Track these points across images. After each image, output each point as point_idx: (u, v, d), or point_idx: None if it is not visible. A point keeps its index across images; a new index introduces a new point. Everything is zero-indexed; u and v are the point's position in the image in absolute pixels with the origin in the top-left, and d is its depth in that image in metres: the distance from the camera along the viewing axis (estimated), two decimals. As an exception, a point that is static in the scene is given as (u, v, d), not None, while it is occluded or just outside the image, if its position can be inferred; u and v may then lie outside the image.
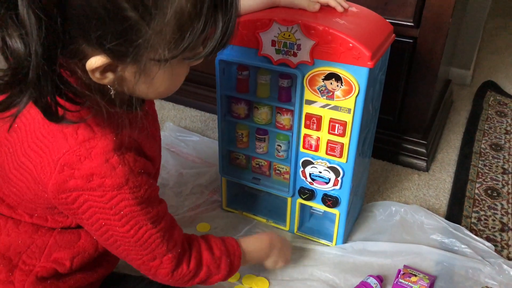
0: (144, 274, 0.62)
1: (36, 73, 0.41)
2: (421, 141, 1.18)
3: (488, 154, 1.25)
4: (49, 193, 0.52)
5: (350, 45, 0.70)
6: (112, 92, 0.50)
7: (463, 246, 0.89)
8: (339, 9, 0.78)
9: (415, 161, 1.18)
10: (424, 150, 1.18)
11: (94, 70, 0.46)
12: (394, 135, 1.20)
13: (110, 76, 0.48)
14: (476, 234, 0.94)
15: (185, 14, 0.44)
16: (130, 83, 0.49)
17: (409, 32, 1.07)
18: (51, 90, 0.43)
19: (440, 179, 1.14)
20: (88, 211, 0.53)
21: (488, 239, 0.94)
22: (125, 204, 0.53)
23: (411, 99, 1.14)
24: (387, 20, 0.89)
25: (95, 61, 0.45)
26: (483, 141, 1.31)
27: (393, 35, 0.86)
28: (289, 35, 0.73)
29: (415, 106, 1.15)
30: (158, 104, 1.46)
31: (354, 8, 0.84)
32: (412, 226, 0.95)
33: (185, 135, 1.27)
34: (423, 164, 1.17)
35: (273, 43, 0.75)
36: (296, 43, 0.73)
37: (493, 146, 1.28)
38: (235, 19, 0.48)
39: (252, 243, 0.73)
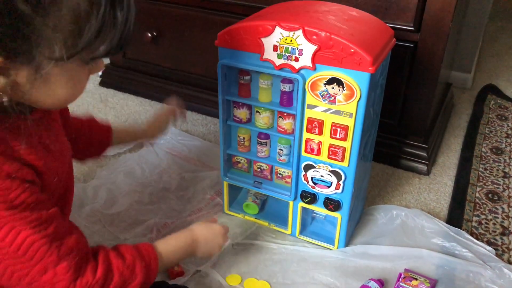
0: None
1: None
2: (422, 144, 1.18)
3: (489, 157, 1.25)
4: None
5: (352, 50, 0.70)
6: (4, 100, 0.46)
7: (464, 250, 0.89)
8: None
9: (416, 164, 1.18)
10: (425, 154, 1.18)
11: None
12: (395, 138, 1.20)
13: (1, 80, 0.44)
14: (477, 238, 0.94)
15: (82, 11, 0.43)
16: (26, 88, 0.46)
17: (409, 36, 1.07)
18: None
19: (441, 183, 1.14)
20: None
21: (489, 243, 0.94)
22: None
23: (412, 103, 1.15)
24: (388, 25, 0.90)
25: None
26: (484, 145, 1.31)
27: (394, 39, 0.86)
28: (291, 40, 0.74)
29: (416, 110, 1.15)
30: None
31: (355, 12, 0.85)
32: (413, 230, 0.95)
33: (187, 139, 1.27)
34: (424, 167, 1.18)
35: (275, 48, 0.76)
36: (298, 48, 0.74)
37: (493, 150, 1.29)
38: (132, 21, 0.49)
39: (170, 244, 0.68)
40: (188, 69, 1.44)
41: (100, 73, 1.64)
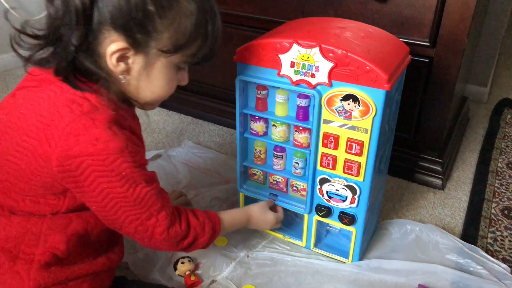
0: (140, 241, 0.67)
1: (74, 29, 0.54)
2: (437, 159, 1.18)
3: (505, 173, 1.24)
4: (53, 163, 0.57)
5: (368, 68, 0.72)
6: (123, 81, 0.61)
7: (478, 267, 0.89)
8: None
9: (430, 179, 1.18)
10: (439, 168, 1.18)
11: (112, 54, 0.57)
12: (410, 153, 1.20)
13: (122, 65, 0.59)
14: (492, 255, 0.94)
15: (185, 18, 0.59)
16: (135, 75, 0.61)
17: (425, 51, 1.08)
18: (74, 55, 0.56)
19: (455, 198, 1.14)
20: (90, 176, 0.58)
21: (504, 260, 0.94)
22: (126, 166, 0.59)
23: (427, 117, 1.15)
24: (403, 40, 0.91)
25: (116, 46, 0.57)
26: (500, 160, 1.30)
27: (409, 56, 0.88)
28: (308, 57, 0.76)
29: (431, 124, 1.16)
30: (177, 118, 1.50)
31: (371, 29, 0.86)
32: (427, 245, 0.95)
33: (202, 152, 1.29)
34: (438, 182, 1.18)
35: (292, 64, 0.78)
36: (314, 65, 0.76)
37: (510, 165, 1.28)
38: (219, 39, 0.65)
39: (231, 216, 0.83)
40: (205, 80, 1.47)
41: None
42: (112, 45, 0.57)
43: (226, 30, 1.35)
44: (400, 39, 0.90)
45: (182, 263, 0.86)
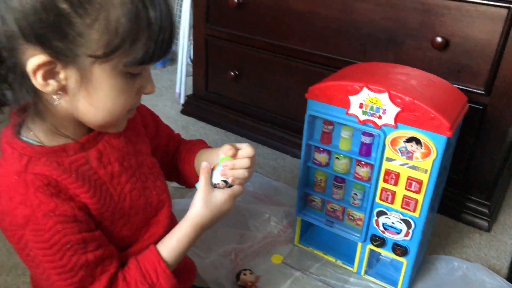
0: None
1: None
2: (484, 201, 1.23)
3: (552, 221, 1.26)
4: None
5: (432, 115, 0.80)
6: (56, 103, 0.51)
7: (524, 309, 0.93)
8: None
9: (477, 220, 1.22)
10: (486, 211, 1.22)
11: (35, 71, 0.47)
12: (458, 193, 1.25)
13: (53, 84, 0.49)
14: (537, 299, 0.97)
15: (115, 11, 0.47)
16: (73, 92, 0.50)
17: (479, 99, 1.14)
18: None
19: (501, 241, 1.18)
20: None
21: (549, 305, 0.97)
22: (32, 246, 0.52)
23: (477, 160, 1.20)
24: (459, 87, 0.98)
25: (34, 61, 0.47)
26: (547, 207, 1.32)
27: (467, 105, 0.94)
28: (376, 100, 0.84)
29: (480, 167, 1.20)
30: (233, 139, 1.61)
31: (432, 78, 0.94)
32: (474, 284, 0.99)
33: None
34: (485, 224, 1.21)
35: (361, 105, 0.86)
36: (382, 108, 0.84)
37: (557, 213, 1.30)
38: (168, 23, 0.50)
39: (170, 239, 0.64)
40: (263, 106, 1.57)
41: (182, 101, 1.82)
42: (31, 61, 0.47)
43: (287, 63, 1.46)
44: (456, 86, 0.97)
45: (244, 274, 0.95)
